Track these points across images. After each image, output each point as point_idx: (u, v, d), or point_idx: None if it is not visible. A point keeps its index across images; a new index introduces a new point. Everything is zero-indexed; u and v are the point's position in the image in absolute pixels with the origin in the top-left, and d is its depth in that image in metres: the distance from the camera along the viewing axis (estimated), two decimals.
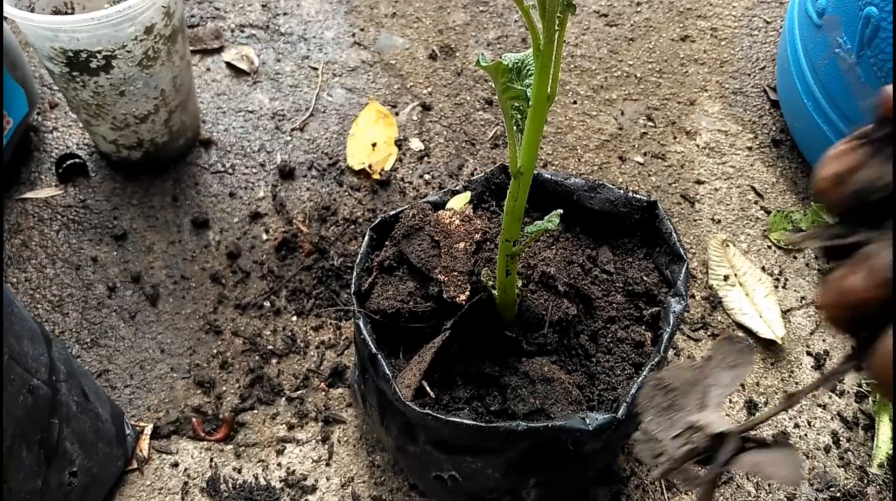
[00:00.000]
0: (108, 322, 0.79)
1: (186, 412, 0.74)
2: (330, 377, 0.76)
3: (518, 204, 0.47)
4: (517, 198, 0.47)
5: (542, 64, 0.40)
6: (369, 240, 0.60)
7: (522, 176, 0.45)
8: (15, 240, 0.83)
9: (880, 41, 0.77)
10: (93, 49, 0.71)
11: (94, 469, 0.63)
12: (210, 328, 0.79)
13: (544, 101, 0.42)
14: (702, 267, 0.88)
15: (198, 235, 0.85)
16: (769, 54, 1.09)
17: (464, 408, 0.53)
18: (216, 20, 1.05)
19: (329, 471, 0.71)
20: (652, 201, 0.60)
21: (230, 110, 0.96)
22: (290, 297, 0.81)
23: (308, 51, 1.03)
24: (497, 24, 1.09)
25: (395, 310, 0.56)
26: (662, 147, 0.98)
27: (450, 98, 1.00)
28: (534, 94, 0.42)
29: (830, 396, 0.78)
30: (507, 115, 0.44)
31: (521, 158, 0.45)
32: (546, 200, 0.62)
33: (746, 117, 1.03)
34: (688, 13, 1.13)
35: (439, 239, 0.57)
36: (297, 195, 0.89)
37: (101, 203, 0.87)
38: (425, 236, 0.58)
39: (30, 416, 0.53)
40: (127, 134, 0.82)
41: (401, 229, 0.59)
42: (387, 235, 0.60)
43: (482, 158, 0.95)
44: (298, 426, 0.73)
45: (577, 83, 1.04)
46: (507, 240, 0.49)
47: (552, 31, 0.39)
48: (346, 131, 0.96)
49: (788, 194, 0.96)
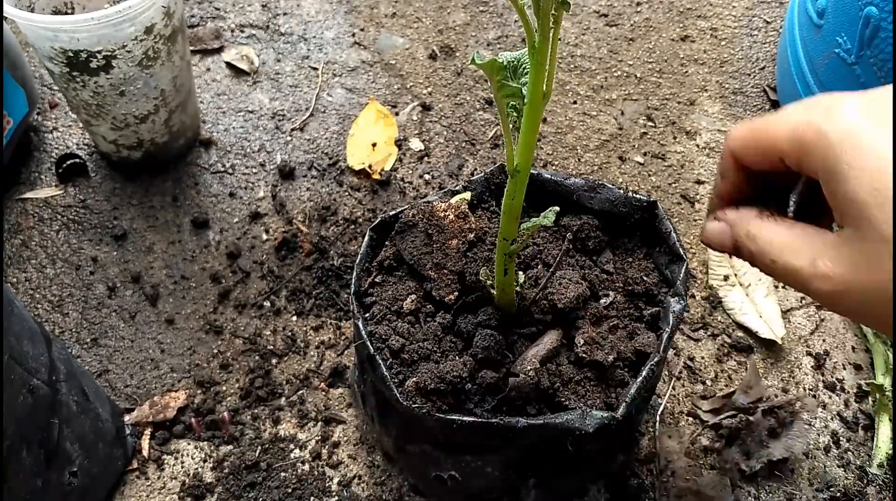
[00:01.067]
0: (108, 322, 0.79)
1: (186, 412, 0.74)
2: (330, 377, 0.76)
3: (515, 202, 0.47)
4: (514, 197, 0.47)
5: (538, 61, 0.40)
6: (369, 240, 0.60)
7: (519, 174, 0.45)
8: (15, 240, 0.83)
9: (880, 41, 0.77)
10: (93, 49, 0.71)
11: (94, 469, 0.63)
12: (210, 328, 0.79)
13: (540, 99, 0.42)
14: (702, 267, 0.88)
15: (198, 235, 0.85)
16: (769, 54, 1.09)
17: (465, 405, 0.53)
18: (216, 20, 1.05)
19: (329, 471, 0.71)
20: (652, 200, 0.60)
21: (230, 110, 0.96)
22: (290, 297, 0.81)
23: (308, 51, 1.03)
24: (497, 24, 1.09)
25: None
26: (662, 147, 0.98)
27: (450, 98, 1.01)
28: (529, 92, 0.42)
29: (830, 396, 0.78)
30: (504, 113, 0.44)
31: (518, 157, 0.45)
32: (546, 199, 0.62)
33: (746, 117, 1.03)
34: (688, 13, 1.13)
35: (433, 233, 0.57)
36: (297, 195, 0.89)
37: (101, 203, 0.87)
38: (420, 232, 0.58)
39: (30, 416, 0.53)
40: (127, 134, 0.82)
41: (398, 228, 0.59)
42: (387, 235, 0.60)
43: (482, 158, 0.95)
44: (298, 426, 0.73)
45: (577, 83, 1.04)
46: (504, 239, 0.49)
47: (547, 29, 0.39)
48: (346, 131, 0.96)
49: None
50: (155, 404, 0.74)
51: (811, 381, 0.79)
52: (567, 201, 0.62)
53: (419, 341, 0.54)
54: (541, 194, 0.62)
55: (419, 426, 0.53)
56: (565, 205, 0.61)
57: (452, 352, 0.54)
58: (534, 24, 0.40)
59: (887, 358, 0.78)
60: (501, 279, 0.52)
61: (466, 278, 0.56)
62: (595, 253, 0.61)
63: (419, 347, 0.54)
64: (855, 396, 0.78)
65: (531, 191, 0.51)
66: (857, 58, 0.81)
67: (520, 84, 0.42)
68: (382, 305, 0.57)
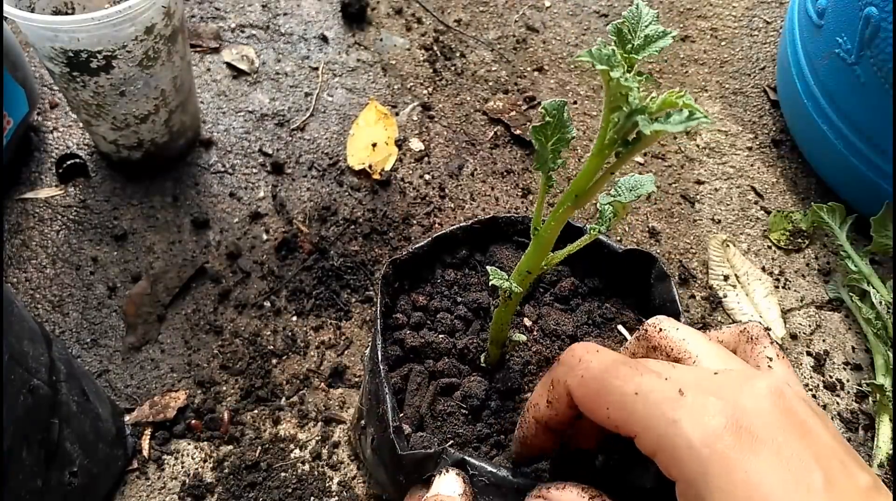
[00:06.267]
0: (108, 322, 0.79)
1: (186, 412, 0.74)
2: (330, 377, 0.76)
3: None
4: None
5: (540, 243, 0.40)
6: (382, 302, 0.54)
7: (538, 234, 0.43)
8: (15, 240, 0.83)
9: (880, 41, 0.77)
10: (93, 49, 0.71)
11: (95, 469, 0.63)
12: (210, 328, 0.79)
13: (536, 271, 0.42)
14: (702, 267, 0.88)
15: (198, 235, 0.85)
16: (769, 54, 1.09)
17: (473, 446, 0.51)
18: (216, 20, 1.05)
19: (329, 471, 0.71)
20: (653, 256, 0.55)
21: (230, 110, 0.96)
22: (290, 297, 0.81)
23: (308, 51, 1.03)
24: (497, 24, 1.09)
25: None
26: (662, 147, 0.98)
27: (450, 98, 1.01)
28: (525, 263, 0.42)
29: (830, 396, 0.78)
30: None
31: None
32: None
33: (746, 117, 1.03)
34: (688, 13, 1.13)
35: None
36: (297, 195, 0.89)
37: (102, 203, 0.87)
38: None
39: (30, 416, 0.53)
40: (127, 134, 0.82)
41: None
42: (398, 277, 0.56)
43: (482, 158, 0.95)
44: (298, 426, 0.73)
45: (578, 83, 1.04)
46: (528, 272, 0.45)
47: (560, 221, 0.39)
48: (346, 131, 0.96)
49: (788, 194, 0.96)
50: (155, 404, 0.74)
51: (811, 381, 0.79)
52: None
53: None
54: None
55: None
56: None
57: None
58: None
59: (887, 358, 0.78)
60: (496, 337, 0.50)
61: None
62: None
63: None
64: (855, 396, 0.78)
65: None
66: (857, 58, 0.81)
67: (552, 146, 0.39)
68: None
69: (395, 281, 0.54)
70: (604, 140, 0.34)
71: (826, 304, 0.87)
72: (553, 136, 0.38)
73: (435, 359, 0.51)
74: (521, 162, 0.95)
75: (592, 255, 0.55)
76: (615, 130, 0.33)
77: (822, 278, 0.89)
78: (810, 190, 0.96)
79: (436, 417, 0.49)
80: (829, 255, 0.91)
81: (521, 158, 0.95)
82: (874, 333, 0.81)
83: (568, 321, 0.53)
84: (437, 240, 0.55)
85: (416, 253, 0.54)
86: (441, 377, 0.51)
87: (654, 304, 0.53)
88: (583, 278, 0.56)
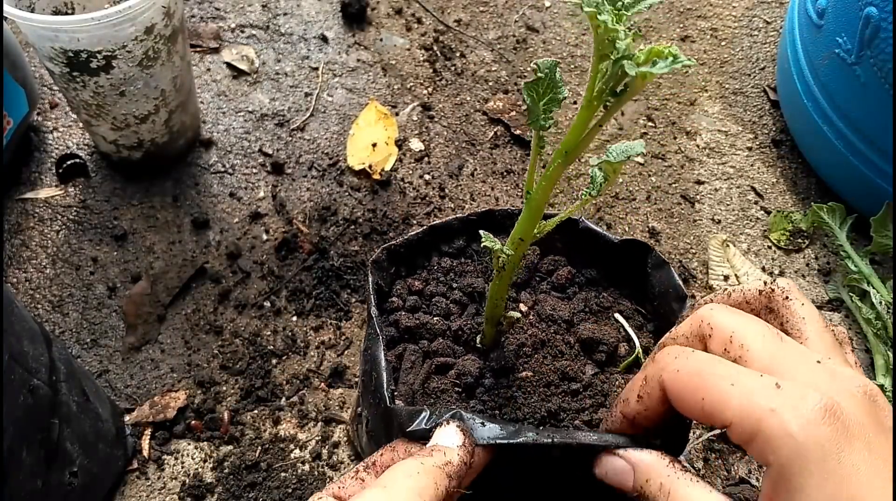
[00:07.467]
0: (108, 322, 0.79)
1: (186, 412, 0.74)
2: (330, 377, 0.77)
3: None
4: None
5: (532, 209, 0.40)
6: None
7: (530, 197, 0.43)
8: (15, 240, 0.83)
9: (880, 41, 0.77)
10: (93, 49, 0.71)
11: (95, 469, 0.63)
12: (210, 328, 0.79)
13: (529, 239, 0.42)
14: (702, 267, 0.88)
15: (198, 235, 0.85)
16: (769, 54, 1.09)
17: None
18: (216, 20, 1.05)
19: (329, 471, 0.71)
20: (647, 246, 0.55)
21: (230, 110, 0.96)
22: (290, 297, 0.81)
23: (308, 51, 1.03)
24: (497, 24, 1.09)
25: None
26: (662, 147, 0.98)
27: (450, 98, 1.01)
28: (518, 232, 0.42)
29: None
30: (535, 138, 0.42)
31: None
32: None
33: (746, 117, 1.03)
34: (688, 13, 1.13)
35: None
36: (297, 195, 0.89)
37: (101, 203, 0.87)
38: None
39: (30, 416, 0.53)
40: (127, 134, 0.82)
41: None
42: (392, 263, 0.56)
43: (482, 158, 0.95)
44: (298, 426, 0.73)
45: (578, 83, 1.04)
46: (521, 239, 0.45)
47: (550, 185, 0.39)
48: (346, 131, 0.96)
49: (788, 194, 0.96)
50: (155, 404, 0.74)
51: None
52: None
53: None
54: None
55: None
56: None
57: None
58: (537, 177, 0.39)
59: (887, 358, 0.78)
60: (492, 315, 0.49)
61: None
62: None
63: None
64: None
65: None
66: (857, 58, 0.81)
67: (544, 105, 0.39)
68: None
69: (391, 267, 0.54)
70: (592, 91, 0.34)
71: (826, 304, 0.87)
72: (545, 94, 0.39)
73: (430, 340, 0.51)
74: (521, 162, 0.95)
75: (589, 246, 0.56)
76: (604, 79, 0.34)
77: (822, 279, 0.89)
78: (810, 190, 0.96)
79: (429, 394, 0.49)
80: (829, 255, 0.91)
81: (521, 159, 0.95)
82: (874, 333, 0.81)
83: (564, 307, 0.54)
84: (433, 229, 0.55)
85: (410, 241, 0.54)
86: (436, 356, 0.51)
87: (653, 292, 0.53)
88: (580, 269, 0.56)
